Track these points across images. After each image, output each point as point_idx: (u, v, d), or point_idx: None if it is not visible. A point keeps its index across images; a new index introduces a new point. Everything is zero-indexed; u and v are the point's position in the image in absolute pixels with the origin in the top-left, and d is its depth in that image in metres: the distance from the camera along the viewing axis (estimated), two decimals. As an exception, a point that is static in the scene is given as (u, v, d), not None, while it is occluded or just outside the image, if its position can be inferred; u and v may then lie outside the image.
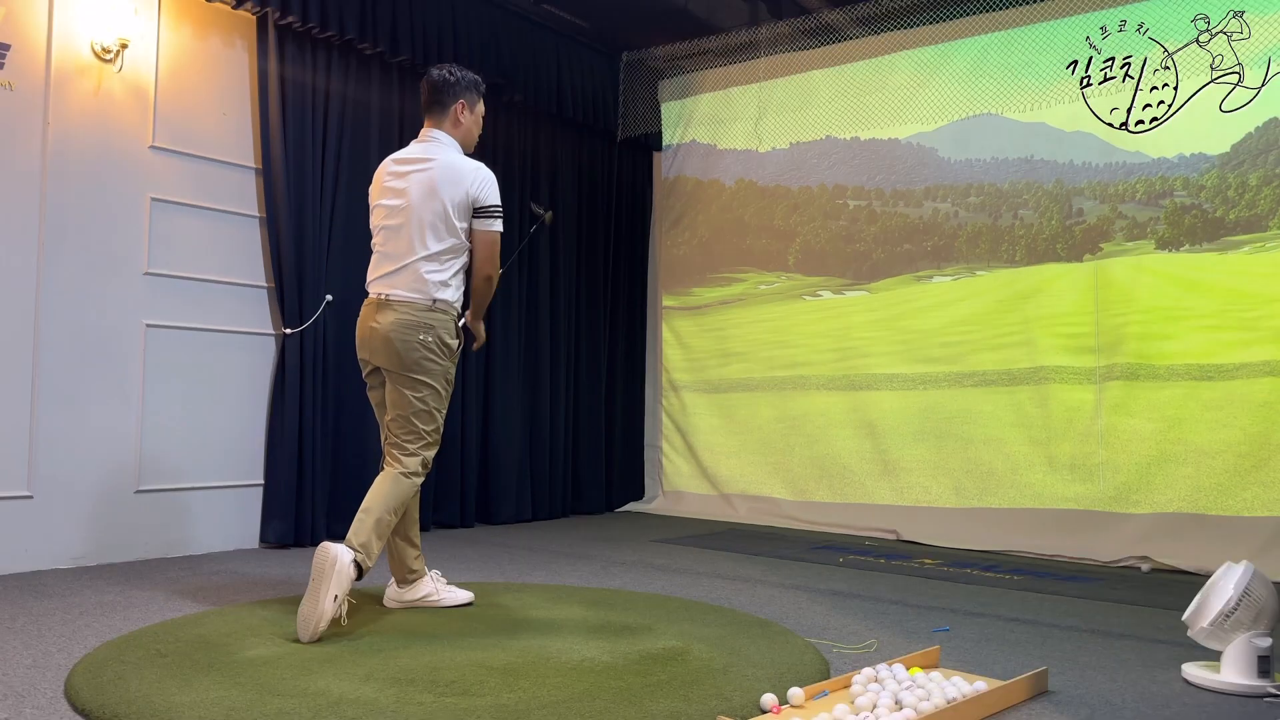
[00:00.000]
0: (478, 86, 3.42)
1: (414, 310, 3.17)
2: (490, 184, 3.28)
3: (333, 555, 2.85)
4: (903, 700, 2.27)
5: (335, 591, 2.84)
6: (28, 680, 2.44)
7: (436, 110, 3.35)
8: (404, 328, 3.16)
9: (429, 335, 3.18)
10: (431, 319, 3.18)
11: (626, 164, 6.87)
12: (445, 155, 3.28)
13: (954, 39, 5.66)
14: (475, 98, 3.40)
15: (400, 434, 3.20)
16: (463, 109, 3.37)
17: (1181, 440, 4.89)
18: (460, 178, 3.24)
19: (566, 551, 4.81)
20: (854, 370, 6.03)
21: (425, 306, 3.18)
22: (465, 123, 3.38)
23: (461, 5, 5.51)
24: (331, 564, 2.84)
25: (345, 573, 2.87)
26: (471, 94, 3.39)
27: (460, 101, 3.36)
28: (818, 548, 5.19)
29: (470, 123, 3.40)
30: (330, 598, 2.82)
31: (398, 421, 3.21)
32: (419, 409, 3.20)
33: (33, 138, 4.02)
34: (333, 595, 2.83)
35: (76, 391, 4.11)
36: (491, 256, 3.29)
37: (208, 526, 4.51)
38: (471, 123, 3.41)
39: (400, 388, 3.19)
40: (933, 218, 5.83)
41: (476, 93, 3.41)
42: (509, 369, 5.93)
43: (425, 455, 3.22)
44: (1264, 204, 4.77)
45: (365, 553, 2.95)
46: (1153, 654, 3.03)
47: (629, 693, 2.38)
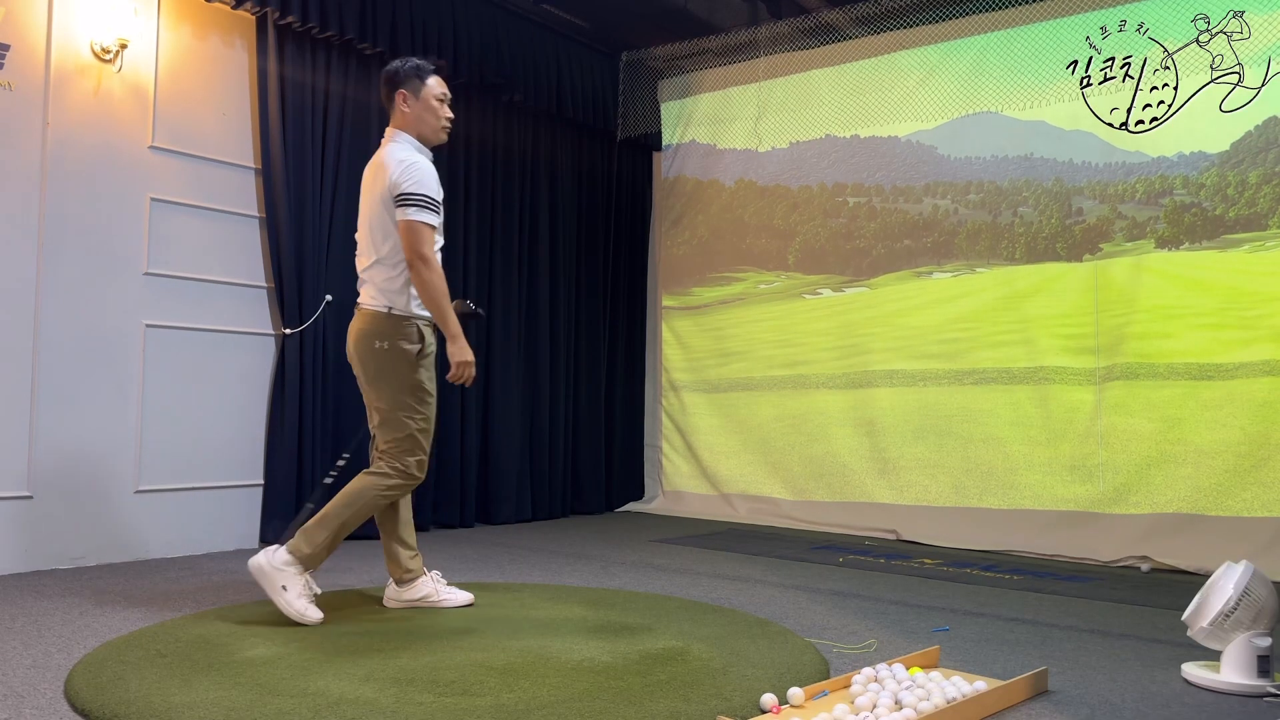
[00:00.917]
0: (419, 71, 3.28)
1: (372, 319, 3.18)
2: (410, 170, 3.14)
3: (257, 563, 3.02)
4: (903, 700, 2.27)
5: (281, 583, 3.00)
6: (28, 680, 2.44)
7: (388, 107, 3.31)
8: (363, 336, 3.19)
9: (384, 343, 3.15)
10: (387, 326, 3.16)
11: (626, 164, 6.87)
12: (384, 151, 3.23)
13: (954, 38, 5.66)
14: (417, 84, 3.27)
15: (377, 438, 3.23)
16: (404, 99, 3.26)
17: (1181, 440, 4.89)
18: (384, 170, 3.17)
19: (566, 551, 4.81)
20: (854, 368, 6.03)
21: (382, 315, 3.17)
22: (410, 111, 3.27)
23: (461, 5, 5.51)
24: (259, 570, 3.02)
25: (277, 566, 3.02)
26: (412, 81, 3.27)
27: (400, 92, 3.26)
28: (818, 548, 5.19)
29: (418, 110, 3.27)
30: (279, 591, 2.99)
31: (373, 426, 3.25)
32: (385, 417, 3.18)
33: (32, 138, 4.02)
34: (280, 587, 3.00)
35: (76, 391, 4.11)
36: (412, 245, 3.11)
37: (208, 526, 4.51)
38: (420, 110, 3.27)
39: (368, 395, 3.23)
40: (932, 214, 5.83)
41: (418, 78, 3.28)
42: (509, 369, 5.93)
43: (398, 463, 3.17)
44: (1264, 202, 4.77)
45: (299, 539, 3.06)
46: (1153, 654, 3.03)
47: (629, 693, 2.38)
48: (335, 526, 3.08)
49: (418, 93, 3.27)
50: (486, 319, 5.85)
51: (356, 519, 3.12)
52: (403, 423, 3.17)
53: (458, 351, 3.18)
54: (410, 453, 3.19)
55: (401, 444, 3.18)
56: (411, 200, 3.12)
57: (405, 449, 3.18)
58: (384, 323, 3.16)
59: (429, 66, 3.32)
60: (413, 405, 3.18)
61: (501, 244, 5.92)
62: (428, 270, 3.11)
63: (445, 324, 3.17)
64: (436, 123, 3.29)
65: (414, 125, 3.27)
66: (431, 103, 3.28)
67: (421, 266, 3.11)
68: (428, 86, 3.28)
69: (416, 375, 3.19)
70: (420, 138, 3.28)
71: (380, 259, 3.19)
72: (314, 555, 3.07)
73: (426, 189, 3.15)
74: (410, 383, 3.18)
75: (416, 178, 3.14)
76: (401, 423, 3.17)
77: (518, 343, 6.02)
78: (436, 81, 3.31)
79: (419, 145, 3.28)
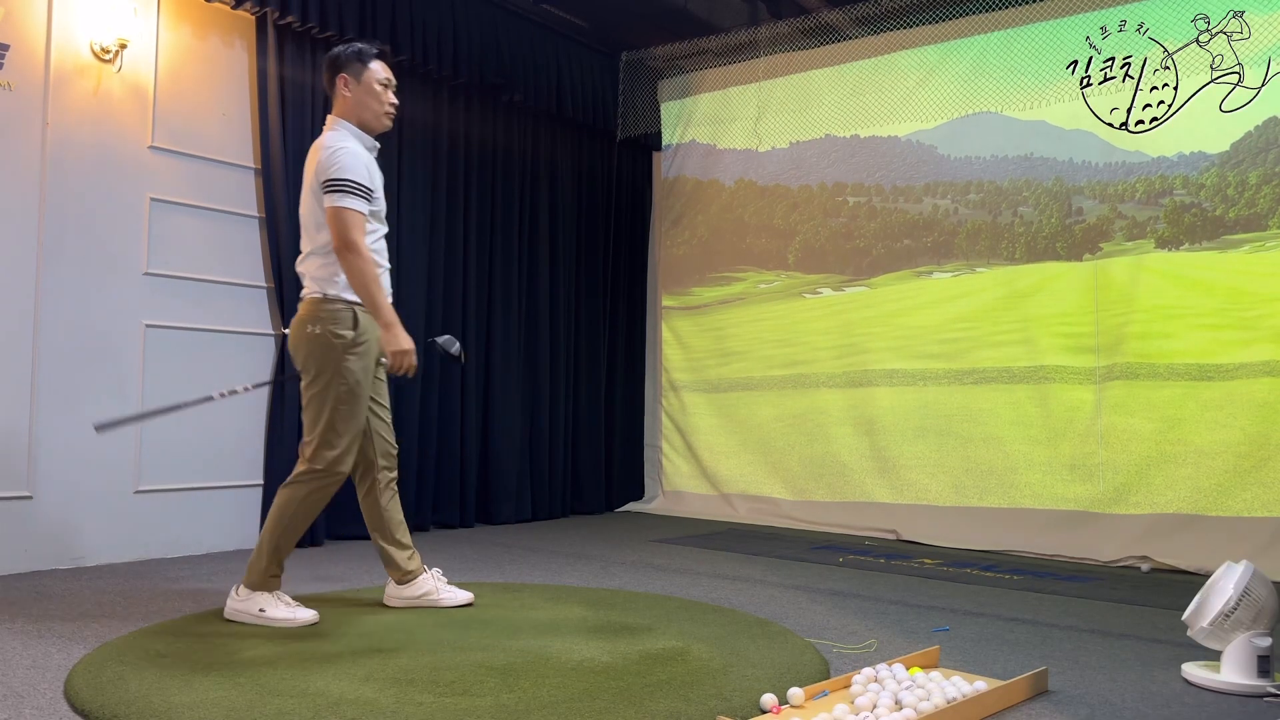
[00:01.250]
0: (361, 55, 3.17)
1: (308, 306, 3.11)
2: (336, 155, 3.03)
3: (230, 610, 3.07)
4: (903, 700, 2.27)
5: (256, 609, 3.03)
6: (28, 680, 2.44)
7: (329, 92, 3.21)
8: (297, 323, 3.12)
9: (316, 327, 3.06)
10: (320, 311, 3.07)
11: (626, 164, 6.87)
12: (319, 139, 3.14)
13: (954, 39, 5.66)
14: (359, 67, 3.16)
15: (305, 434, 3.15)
16: (345, 84, 3.16)
17: (1181, 440, 4.89)
18: (313, 157, 3.09)
19: (566, 551, 4.81)
20: (853, 367, 6.03)
21: (317, 301, 3.09)
22: (350, 96, 3.16)
23: (461, 5, 5.51)
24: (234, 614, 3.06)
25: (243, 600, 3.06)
26: (353, 64, 3.15)
27: (341, 76, 3.16)
28: (818, 548, 5.19)
29: (358, 95, 3.16)
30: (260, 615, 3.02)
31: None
32: (309, 403, 3.09)
33: (32, 138, 4.01)
34: (257, 611, 3.02)
35: (76, 391, 4.11)
36: (337, 233, 3.00)
37: (208, 526, 4.51)
38: (360, 94, 3.16)
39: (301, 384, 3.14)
40: (932, 214, 5.83)
41: (360, 61, 3.16)
42: (509, 369, 5.93)
43: (316, 463, 3.07)
44: (1263, 203, 4.77)
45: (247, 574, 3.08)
46: (1153, 654, 3.03)
47: (629, 693, 2.38)
48: (270, 549, 3.06)
49: (359, 77, 3.16)
50: (485, 318, 5.85)
51: (292, 532, 3.08)
52: (325, 412, 3.06)
53: (392, 340, 3.06)
54: (330, 446, 3.06)
55: (322, 437, 3.06)
56: (335, 186, 3.01)
57: (325, 442, 3.06)
58: (318, 308, 3.08)
59: (371, 50, 3.21)
60: (340, 397, 3.06)
61: (501, 244, 5.92)
62: (357, 258, 3.01)
63: (377, 312, 3.06)
64: (379, 108, 3.18)
65: (352, 110, 3.16)
66: (374, 87, 3.17)
67: (349, 254, 3.01)
68: (370, 71, 3.17)
69: (346, 363, 3.07)
70: (362, 124, 3.18)
71: (315, 249, 3.11)
72: (265, 573, 3.06)
73: (352, 174, 3.03)
74: (342, 371, 3.06)
75: (341, 163, 3.02)
76: (325, 413, 3.06)
77: (518, 343, 6.02)
78: (380, 66, 3.20)
79: (359, 133, 3.17)
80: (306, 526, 3.13)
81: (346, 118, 3.17)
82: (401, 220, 5.31)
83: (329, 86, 3.21)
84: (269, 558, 3.07)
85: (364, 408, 3.15)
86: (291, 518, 3.07)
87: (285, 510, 3.08)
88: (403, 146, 5.34)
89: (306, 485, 3.08)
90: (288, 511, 3.07)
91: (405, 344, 3.06)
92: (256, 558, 3.08)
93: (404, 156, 5.35)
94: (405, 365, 3.08)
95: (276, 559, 3.08)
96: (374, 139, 3.22)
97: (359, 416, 3.13)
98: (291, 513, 3.08)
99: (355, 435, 3.13)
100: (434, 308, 5.48)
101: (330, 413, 3.07)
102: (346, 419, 3.08)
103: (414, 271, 5.35)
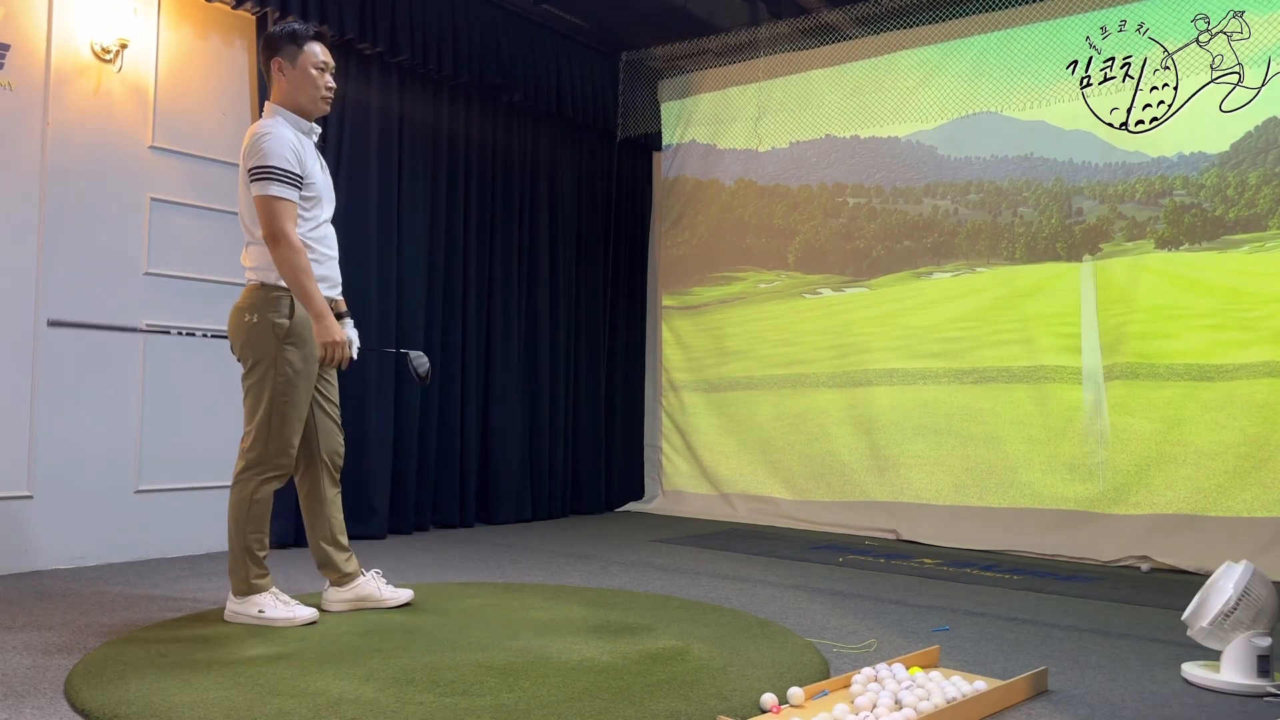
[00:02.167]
0: (295, 37, 3.02)
1: (246, 294, 3.02)
2: (260, 142, 2.91)
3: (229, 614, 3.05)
4: (902, 700, 2.27)
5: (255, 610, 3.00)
6: (28, 680, 2.44)
7: (266, 77, 3.10)
8: (235, 311, 3.03)
9: (253, 315, 2.97)
10: (257, 299, 2.98)
11: (626, 164, 6.87)
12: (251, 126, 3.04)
13: (954, 39, 5.66)
14: (294, 49, 3.02)
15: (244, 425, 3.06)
16: (279, 67, 3.03)
17: (1181, 441, 4.89)
18: (243, 146, 2.99)
19: (566, 551, 4.81)
20: (853, 367, 6.03)
21: (255, 289, 3.00)
22: (286, 80, 3.03)
23: (461, 5, 5.51)
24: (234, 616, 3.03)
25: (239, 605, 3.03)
26: (288, 46, 3.02)
27: (275, 60, 3.03)
28: (817, 547, 5.19)
29: (293, 79, 3.02)
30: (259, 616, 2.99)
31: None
32: (246, 394, 3.01)
33: (32, 138, 4.01)
34: (256, 613, 2.99)
35: (76, 391, 4.11)
36: (264, 222, 2.89)
37: (208, 526, 4.50)
38: (295, 78, 3.02)
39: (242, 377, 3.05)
40: (932, 215, 5.83)
41: (294, 43, 3.02)
42: (509, 369, 5.93)
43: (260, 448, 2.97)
44: (1263, 203, 4.77)
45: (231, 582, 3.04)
46: (1153, 654, 3.03)
47: (629, 693, 2.38)
48: (240, 549, 3.00)
49: (294, 60, 3.03)
50: (485, 318, 5.85)
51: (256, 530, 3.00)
52: (262, 403, 2.97)
53: (322, 331, 2.96)
54: (267, 438, 2.98)
55: (259, 429, 2.98)
56: (260, 174, 2.90)
57: (261, 434, 2.98)
58: (256, 295, 2.99)
59: (307, 31, 3.07)
60: (276, 384, 2.97)
61: (501, 244, 5.92)
62: (286, 248, 2.89)
63: (308, 302, 2.95)
64: (315, 92, 3.05)
65: (288, 96, 3.04)
66: (309, 71, 3.03)
67: (276, 245, 2.90)
68: (305, 54, 3.03)
69: (284, 352, 2.97)
70: (298, 109, 3.05)
71: (254, 239, 3.01)
72: (248, 578, 3.02)
73: (276, 160, 2.89)
74: (275, 359, 2.97)
75: (265, 149, 2.90)
76: (260, 402, 2.98)
77: (518, 342, 6.02)
78: (317, 48, 3.06)
79: (294, 118, 3.05)
80: (268, 521, 3.05)
81: (282, 103, 3.04)
82: (402, 220, 5.31)
83: (264, 70, 3.09)
84: (248, 561, 3.01)
85: (304, 400, 3.04)
86: (248, 517, 2.99)
87: (239, 511, 3.00)
88: (403, 146, 5.34)
89: (250, 482, 3.00)
90: (242, 511, 3.00)
91: (336, 335, 2.96)
92: (236, 565, 3.01)
93: (404, 156, 5.35)
94: (337, 357, 2.99)
95: (256, 560, 3.02)
96: (312, 123, 3.10)
97: (299, 407, 3.02)
98: (245, 512, 3.00)
99: (295, 428, 3.02)
100: (434, 308, 5.48)
101: (267, 404, 2.97)
102: (284, 410, 2.98)
103: (414, 271, 5.34)
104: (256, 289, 3.01)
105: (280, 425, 2.99)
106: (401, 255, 5.28)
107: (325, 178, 3.17)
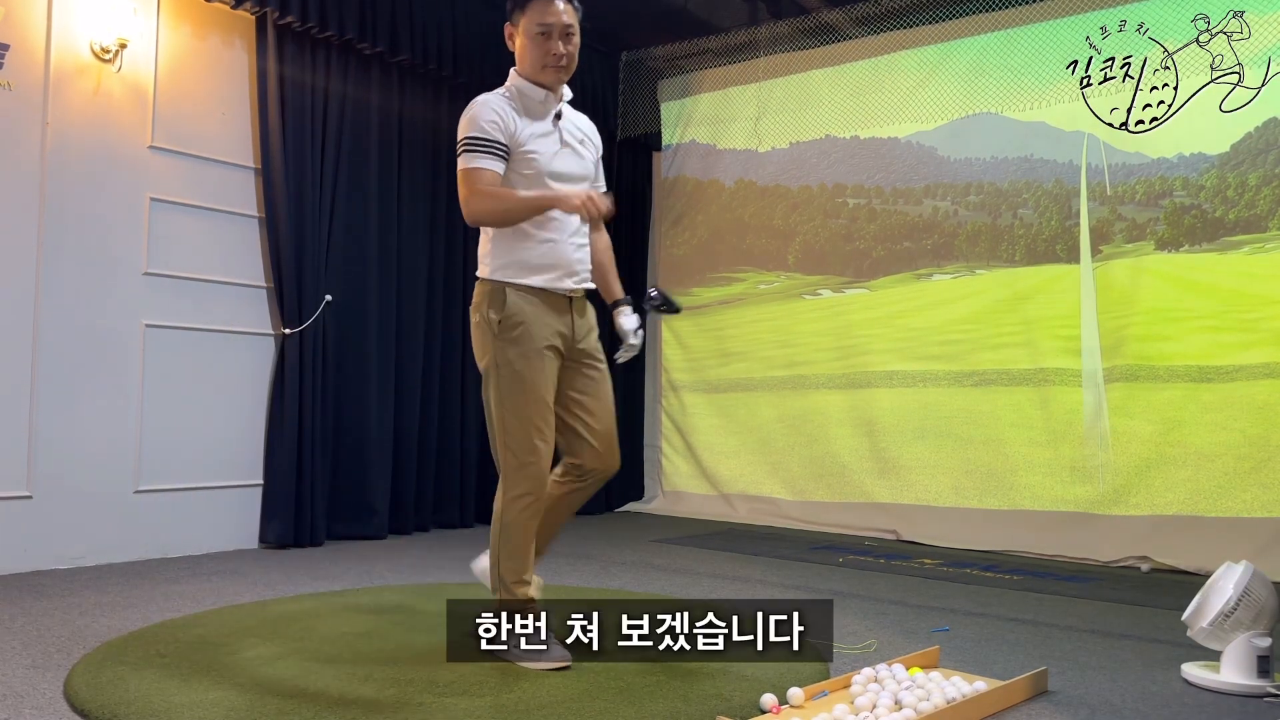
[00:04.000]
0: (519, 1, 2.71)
1: (475, 290, 2.76)
2: (465, 116, 2.70)
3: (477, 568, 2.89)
4: (902, 700, 2.27)
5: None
6: (28, 680, 2.44)
7: None
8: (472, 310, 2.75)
9: (476, 314, 2.71)
10: (477, 294, 2.72)
11: (626, 164, 6.86)
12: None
13: (954, 39, 5.65)
14: (518, 14, 2.71)
15: None
16: (509, 35, 2.78)
17: (1181, 442, 4.89)
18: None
19: (566, 551, 4.81)
20: (853, 368, 6.03)
21: (477, 284, 2.75)
22: (516, 50, 2.76)
23: (461, 5, 5.51)
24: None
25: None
26: (514, 11, 2.72)
27: (507, 26, 2.77)
28: (818, 548, 5.19)
29: (520, 46, 2.73)
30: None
31: None
32: (487, 408, 2.71)
33: (32, 138, 4.01)
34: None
35: (76, 391, 4.11)
36: (461, 198, 2.64)
37: (208, 526, 4.50)
38: (521, 45, 2.72)
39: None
40: (932, 216, 5.83)
41: (518, 6, 2.71)
42: (509, 369, 5.92)
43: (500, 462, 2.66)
44: (1263, 204, 4.77)
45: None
46: (1153, 654, 3.03)
47: (629, 693, 2.38)
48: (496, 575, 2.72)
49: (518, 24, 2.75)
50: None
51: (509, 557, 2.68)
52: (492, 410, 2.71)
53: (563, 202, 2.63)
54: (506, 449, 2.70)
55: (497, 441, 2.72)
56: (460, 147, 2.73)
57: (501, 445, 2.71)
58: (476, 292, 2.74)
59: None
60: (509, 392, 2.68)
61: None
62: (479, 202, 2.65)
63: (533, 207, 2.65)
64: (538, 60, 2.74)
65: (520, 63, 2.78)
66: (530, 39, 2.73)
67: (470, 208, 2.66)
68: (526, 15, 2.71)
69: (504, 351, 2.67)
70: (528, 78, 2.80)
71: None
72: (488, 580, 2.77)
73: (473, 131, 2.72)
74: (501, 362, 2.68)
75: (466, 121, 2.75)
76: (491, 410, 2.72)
77: (517, 343, 6.01)
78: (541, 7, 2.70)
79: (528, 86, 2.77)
80: (528, 552, 2.71)
81: (519, 70, 2.77)
82: (402, 220, 5.31)
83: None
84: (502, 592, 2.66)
85: (538, 402, 2.65)
86: (500, 542, 2.66)
87: (493, 536, 2.69)
88: (403, 146, 5.34)
89: (507, 506, 2.65)
90: (495, 536, 2.68)
91: (573, 198, 2.60)
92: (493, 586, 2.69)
93: (404, 156, 5.35)
94: (592, 211, 2.61)
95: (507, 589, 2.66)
96: (548, 92, 2.76)
97: (535, 410, 2.64)
98: (498, 535, 2.67)
99: (533, 436, 2.63)
100: (434, 307, 5.48)
101: (498, 410, 2.66)
102: (515, 415, 2.62)
103: (414, 271, 5.34)
104: (477, 285, 2.74)
105: (514, 434, 2.63)
106: (402, 255, 5.28)
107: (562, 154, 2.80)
